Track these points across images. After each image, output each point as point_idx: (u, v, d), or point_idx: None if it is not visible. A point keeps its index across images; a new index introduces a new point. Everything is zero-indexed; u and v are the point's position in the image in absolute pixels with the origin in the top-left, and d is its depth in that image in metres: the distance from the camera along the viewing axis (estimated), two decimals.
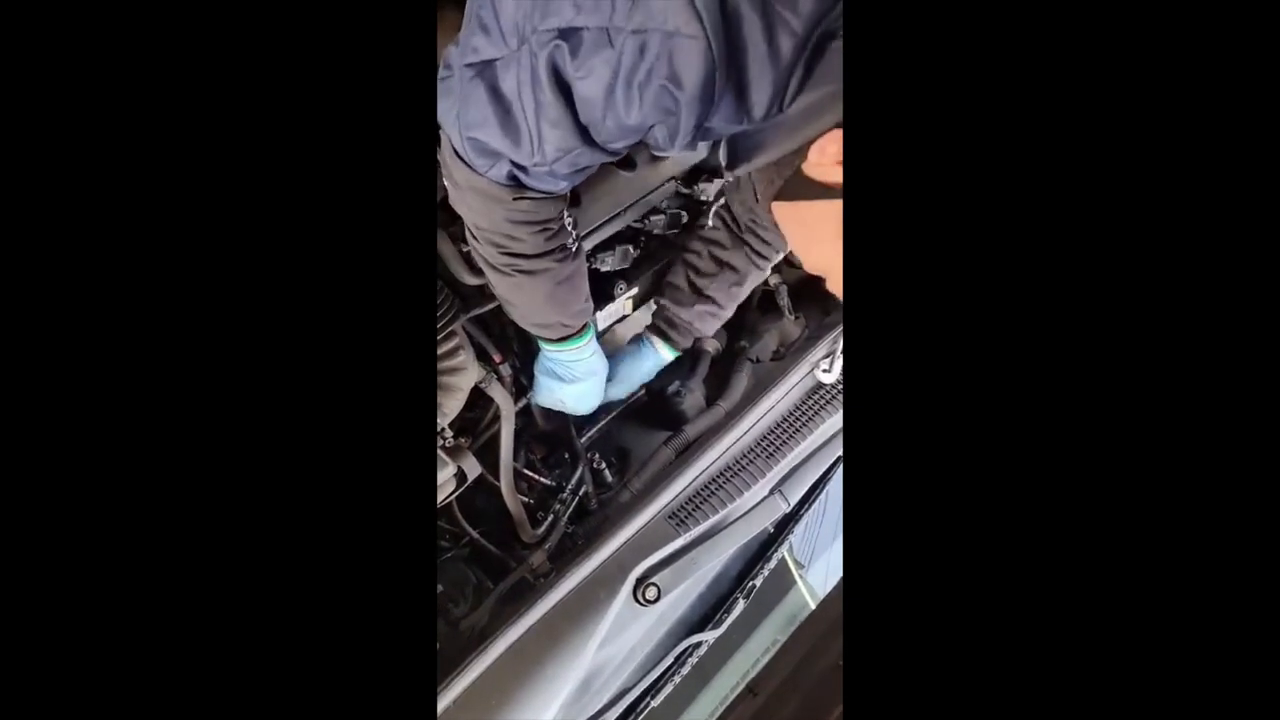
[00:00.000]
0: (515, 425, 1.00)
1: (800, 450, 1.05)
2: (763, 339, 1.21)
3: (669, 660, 1.18)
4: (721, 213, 0.99)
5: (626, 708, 1.12)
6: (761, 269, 1.02)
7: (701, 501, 1.00)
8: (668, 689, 1.24)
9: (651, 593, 0.95)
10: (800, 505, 1.28)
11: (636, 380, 1.08)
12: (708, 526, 0.99)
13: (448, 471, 0.92)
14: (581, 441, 1.11)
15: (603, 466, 1.13)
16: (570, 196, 0.77)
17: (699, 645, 1.24)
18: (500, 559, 1.04)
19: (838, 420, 1.08)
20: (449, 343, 0.89)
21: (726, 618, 1.31)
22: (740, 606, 1.34)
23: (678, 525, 0.98)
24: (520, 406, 1.03)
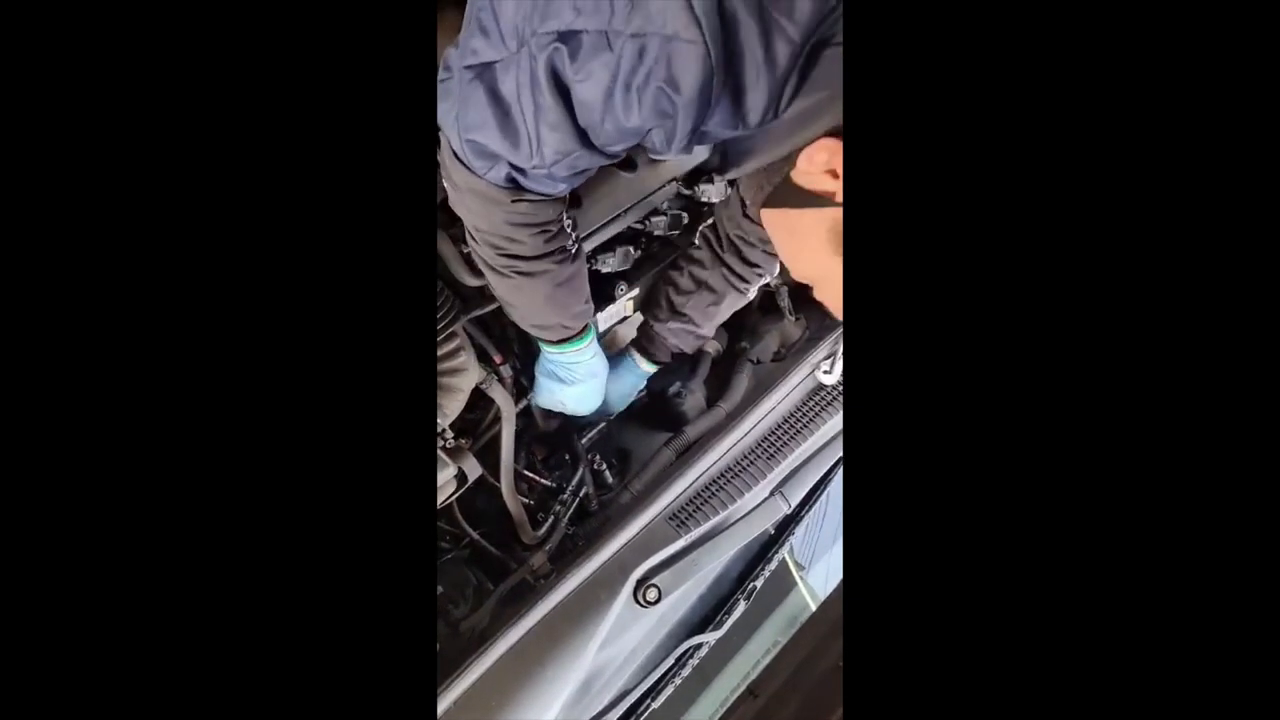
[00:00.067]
0: (516, 426, 1.00)
1: (801, 452, 1.06)
2: (764, 340, 1.21)
3: (669, 662, 1.18)
4: (706, 232, 1.00)
5: (627, 709, 1.12)
6: (741, 291, 1.01)
7: (702, 503, 1.00)
8: (668, 690, 1.23)
9: (652, 594, 0.95)
10: (801, 507, 1.28)
11: (618, 395, 1.08)
12: (708, 528, 0.99)
13: (448, 472, 0.92)
14: (582, 443, 1.11)
15: (603, 468, 1.13)
16: (570, 198, 0.77)
17: (700, 647, 1.24)
18: (501, 560, 1.04)
19: (838, 422, 1.08)
20: (449, 344, 0.89)
21: (727, 619, 1.31)
22: (741, 608, 1.34)
23: (678, 526, 0.98)
24: (521, 408, 1.03)
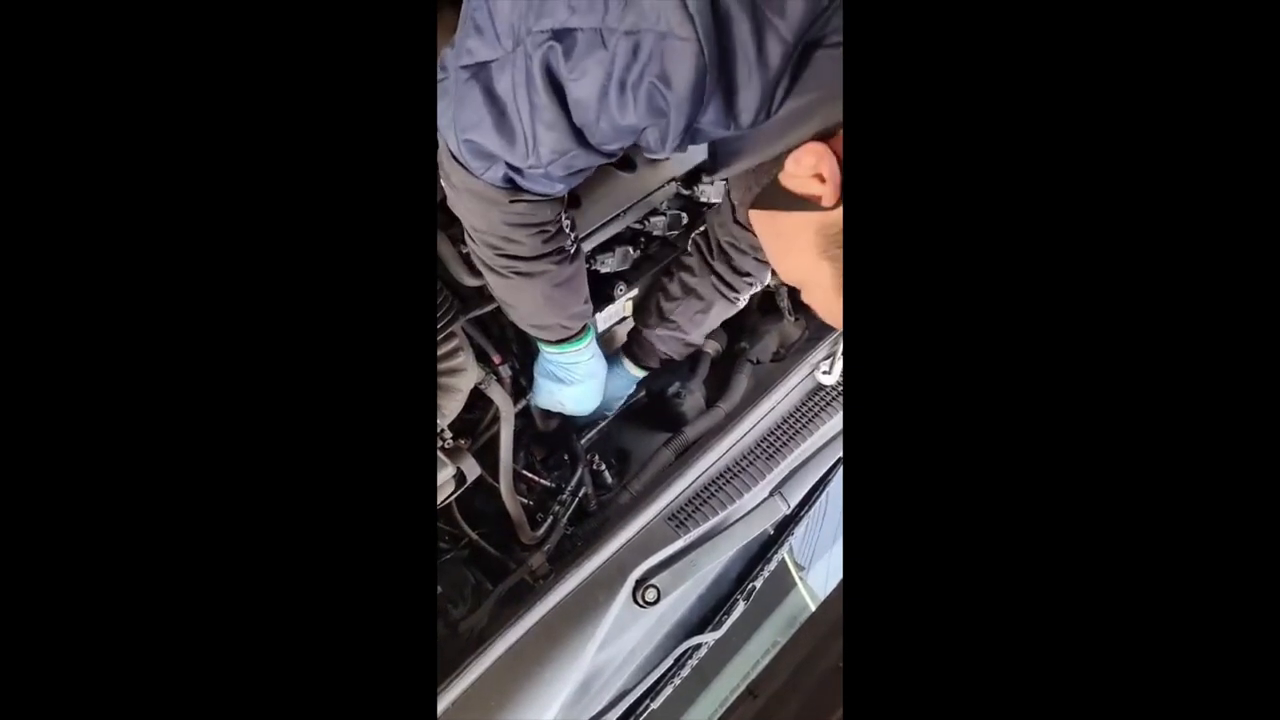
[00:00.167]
0: (515, 426, 1.00)
1: (800, 452, 1.06)
2: (763, 340, 1.21)
3: (669, 662, 1.18)
4: (697, 239, 1.00)
5: (626, 710, 1.12)
6: (730, 300, 1.01)
7: (701, 503, 1.00)
8: (667, 691, 1.23)
9: (651, 594, 0.95)
10: (800, 507, 1.28)
11: (610, 397, 1.08)
12: (708, 528, 0.99)
13: (447, 473, 0.92)
14: (581, 443, 1.11)
15: (602, 468, 1.13)
16: (569, 198, 0.77)
17: (699, 647, 1.24)
18: (499, 560, 1.04)
19: (837, 422, 1.08)
20: (448, 344, 0.89)
21: (726, 619, 1.31)
22: (740, 608, 1.34)
23: (677, 527, 0.98)
24: (519, 408, 1.03)
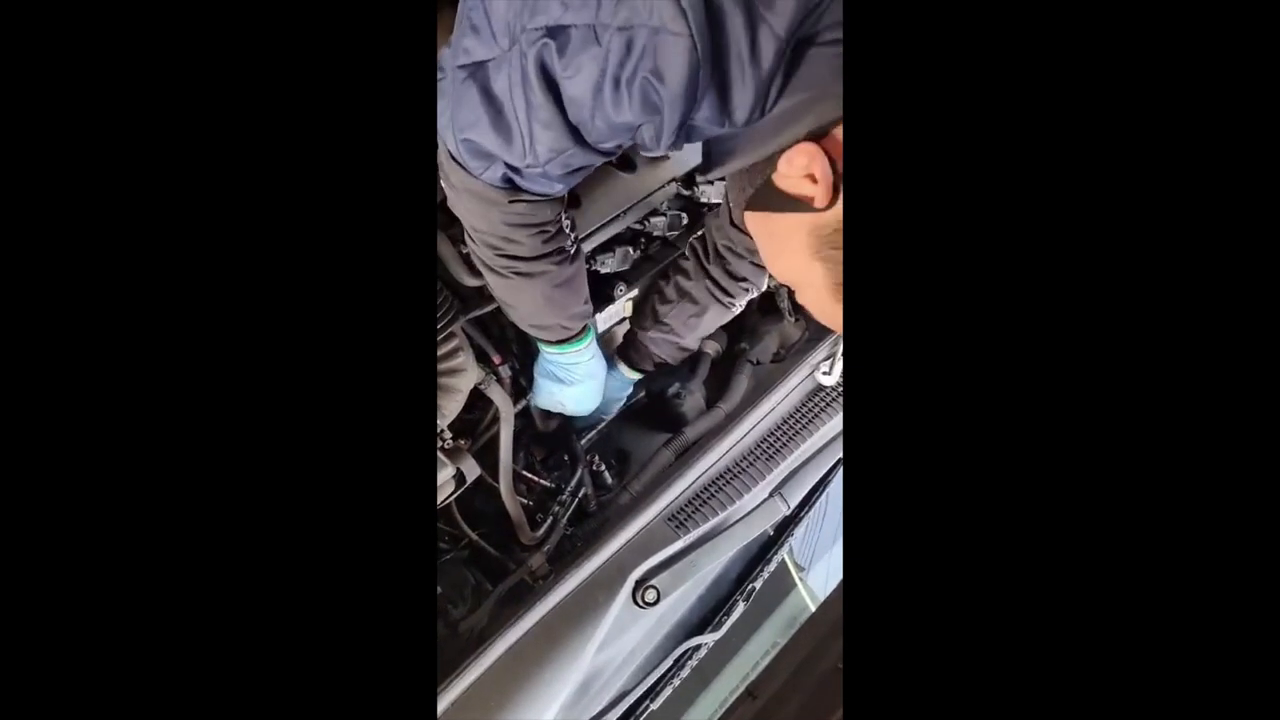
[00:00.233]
0: (514, 427, 1.00)
1: (800, 453, 1.06)
2: (763, 341, 1.21)
3: (668, 663, 1.18)
4: (695, 242, 1.00)
5: (625, 710, 1.12)
6: (725, 305, 1.01)
7: (701, 504, 1.00)
8: (667, 692, 1.23)
9: (651, 595, 0.95)
10: (800, 508, 1.28)
11: (606, 398, 1.08)
12: (707, 529, 0.99)
13: (447, 473, 0.92)
14: (581, 443, 1.11)
15: (602, 468, 1.13)
16: (570, 198, 0.77)
17: (698, 648, 1.24)
18: (499, 561, 1.04)
19: (837, 423, 1.08)
20: (448, 344, 0.89)
21: (726, 620, 1.31)
22: (740, 609, 1.34)
23: (677, 527, 0.98)
24: (519, 408, 1.03)
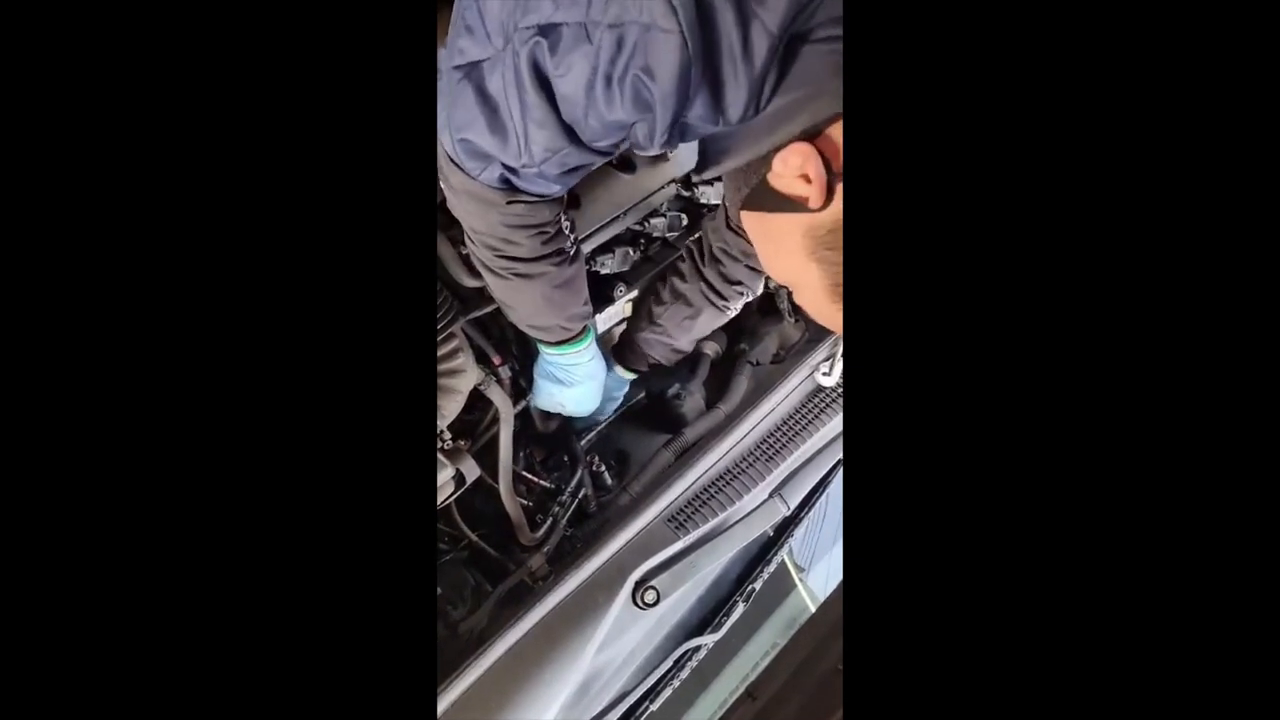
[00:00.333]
0: (514, 428, 0.99)
1: (800, 453, 1.06)
2: (763, 342, 1.21)
3: (668, 664, 1.18)
4: (692, 245, 1.00)
5: (625, 711, 1.12)
6: (720, 308, 1.00)
7: (701, 504, 1.00)
8: (667, 693, 1.23)
9: (650, 596, 0.95)
10: (800, 508, 1.28)
11: (603, 400, 1.08)
12: (707, 529, 0.99)
13: (446, 474, 0.91)
14: (581, 444, 1.11)
15: (602, 469, 1.13)
16: (569, 199, 0.77)
17: (698, 649, 1.24)
18: (499, 562, 1.04)
19: (837, 424, 1.08)
20: (448, 345, 0.89)
21: (726, 621, 1.31)
22: (740, 610, 1.34)
23: (677, 528, 0.98)
24: (519, 409, 1.02)
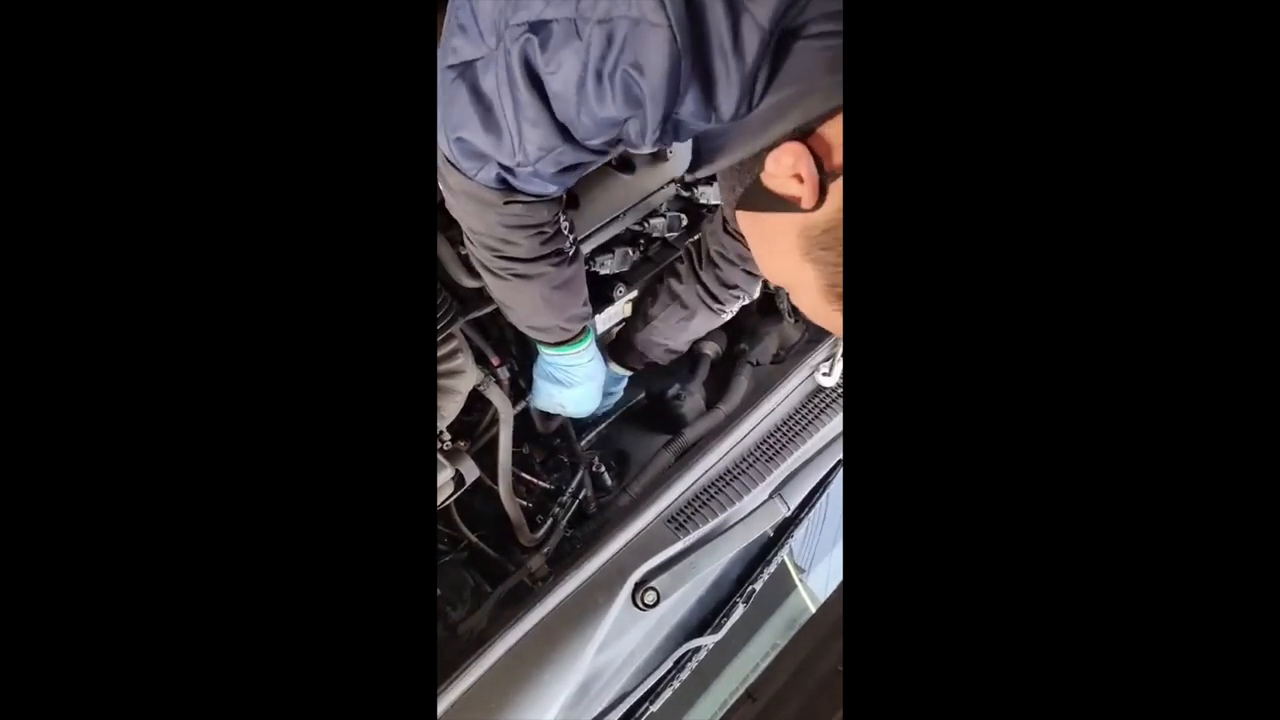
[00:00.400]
0: (514, 428, 0.99)
1: (800, 454, 1.05)
2: (763, 342, 1.21)
3: (668, 665, 1.18)
4: (690, 247, 1.00)
5: (625, 712, 1.12)
6: (715, 311, 1.00)
7: (701, 505, 1.00)
8: (667, 694, 1.23)
9: (650, 597, 0.95)
10: (800, 509, 1.28)
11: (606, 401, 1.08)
12: (707, 530, 0.99)
13: (446, 475, 0.91)
14: (581, 445, 1.11)
15: (602, 470, 1.13)
16: (568, 199, 0.77)
17: (698, 650, 1.24)
18: (499, 562, 1.04)
19: (837, 424, 1.08)
20: (447, 345, 0.89)
21: (726, 622, 1.30)
22: (740, 611, 1.34)
23: (677, 529, 0.97)
24: (519, 410, 1.02)
